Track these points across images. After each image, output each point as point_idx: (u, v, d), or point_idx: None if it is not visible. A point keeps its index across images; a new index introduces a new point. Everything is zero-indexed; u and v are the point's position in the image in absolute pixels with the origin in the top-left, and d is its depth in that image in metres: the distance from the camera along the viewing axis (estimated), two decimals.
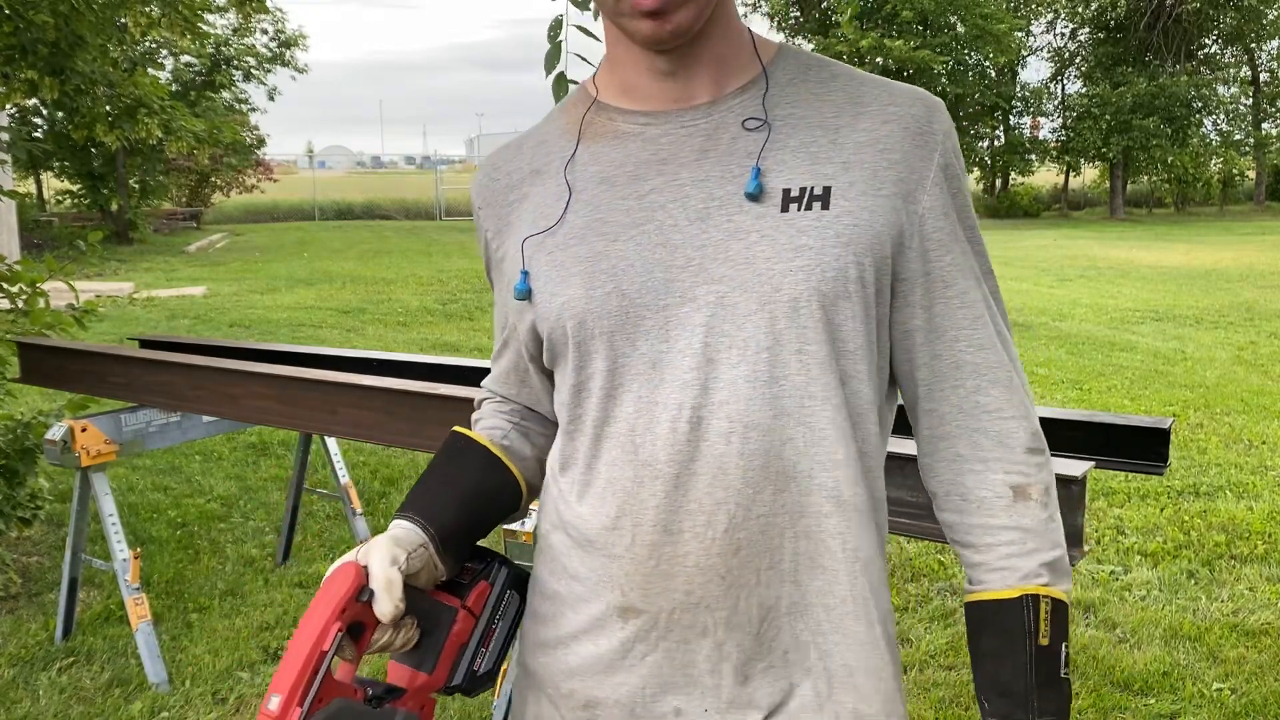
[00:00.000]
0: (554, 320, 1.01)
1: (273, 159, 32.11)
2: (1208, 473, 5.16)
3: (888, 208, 0.96)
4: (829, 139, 0.97)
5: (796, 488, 0.96)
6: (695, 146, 0.99)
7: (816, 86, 1.01)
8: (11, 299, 3.85)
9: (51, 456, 3.24)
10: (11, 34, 4.47)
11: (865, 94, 1.00)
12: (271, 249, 20.23)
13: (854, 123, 0.98)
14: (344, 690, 0.92)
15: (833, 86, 1.01)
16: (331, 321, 10.49)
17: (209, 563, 4.12)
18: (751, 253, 0.94)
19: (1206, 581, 3.87)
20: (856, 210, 0.95)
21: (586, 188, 1.02)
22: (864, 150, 0.97)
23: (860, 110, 0.99)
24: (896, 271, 0.99)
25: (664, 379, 0.96)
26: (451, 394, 2.45)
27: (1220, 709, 2.95)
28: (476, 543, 1.12)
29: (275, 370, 2.88)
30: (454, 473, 1.13)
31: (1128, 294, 12.35)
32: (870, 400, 1.00)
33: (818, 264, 0.94)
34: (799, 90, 1.00)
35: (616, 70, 1.04)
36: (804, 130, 0.98)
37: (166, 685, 3.12)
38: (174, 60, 22.45)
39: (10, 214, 12.79)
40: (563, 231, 1.02)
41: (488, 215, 1.10)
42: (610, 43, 1.03)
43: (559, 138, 1.07)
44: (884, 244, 0.96)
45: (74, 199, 22.18)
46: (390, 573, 0.96)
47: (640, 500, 0.97)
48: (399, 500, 4.82)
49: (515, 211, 1.07)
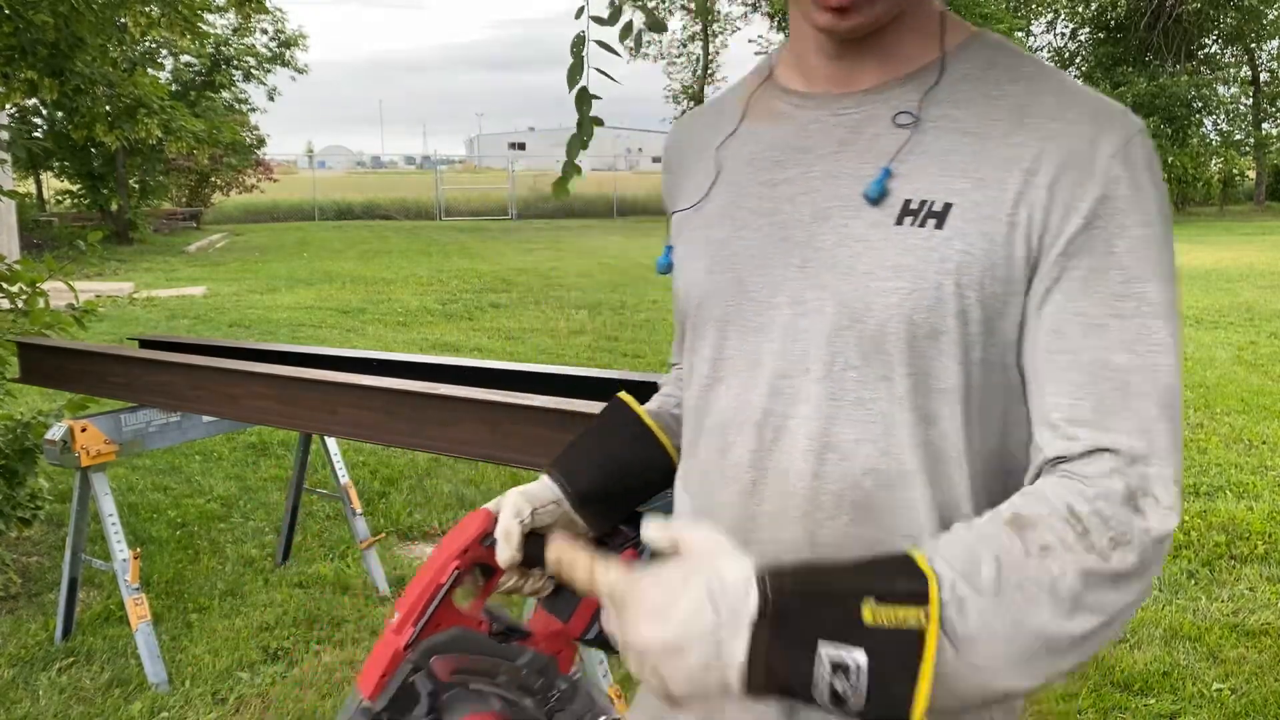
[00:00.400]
0: (683, 299, 1.01)
1: (272, 159, 32.07)
2: (1208, 473, 5.16)
3: (1016, 240, 0.83)
4: (973, 149, 0.85)
5: (873, 524, 0.87)
6: (837, 138, 0.92)
7: (993, 87, 0.88)
8: (11, 299, 3.84)
9: (51, 456, 3.24)
10: (11, 34, 4.47)
11: (1036, 102, 0.86)
12: (271, 249, 20.23)
13: (1008, 135, 0.85)
14: (466, 621, 0.99)
15: (1010, 89, 0.87)
16: (331, 321, 10.49)
17: (209, 563, 4.12)
18: (854, 264, 0.86)
19: (1206, 581, 3.87)
20: (973, 236, 0.83)
21: (735, 168, 0.99)
22: (1007, 169, 0.83)
23: (1021, 121, 0.85)
24: (1024, 315, 0.85)
25: (758, 381, 0.91)
26: (451, 394, 2.45)
27: (1220, 709, 2.95)
28: (637, 509, 1.15)
29: (275, 370, 2.88)
30: (603, 438, 1.16)
31: None
32: (959, 448, 0.86)
33: (914, 289, 0.84)
34: (971, 88, 0.88)
35: (793, 41, 0.98)
36: (952, 135, 0.86)
37: (166, 685, 3.12)
38: (174, 60, 22.44)
39: (10, 214, 12.78)
40: (705, 210, 1.00)
41: (666, 180, 1.12)
42: (790, 12, 0.97)
43: (730, 110, 1.04)
44: (999, 280, 0.83)
45: (74, 199, 22.16)
46: (511, 524, 1.02)
47: (719, 503, 0.95)
48: (399, 500, 4.82)
49: (678, 182, 1.07)
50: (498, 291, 12.99)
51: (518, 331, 9.89)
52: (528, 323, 10.43)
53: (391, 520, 4.59)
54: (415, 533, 4.51)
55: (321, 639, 3.45)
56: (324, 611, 3.64)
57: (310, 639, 3.44)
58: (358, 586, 3.86)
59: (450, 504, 4.81)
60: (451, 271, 15.33)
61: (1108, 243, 0.82)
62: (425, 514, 4.67)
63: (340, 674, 3.19)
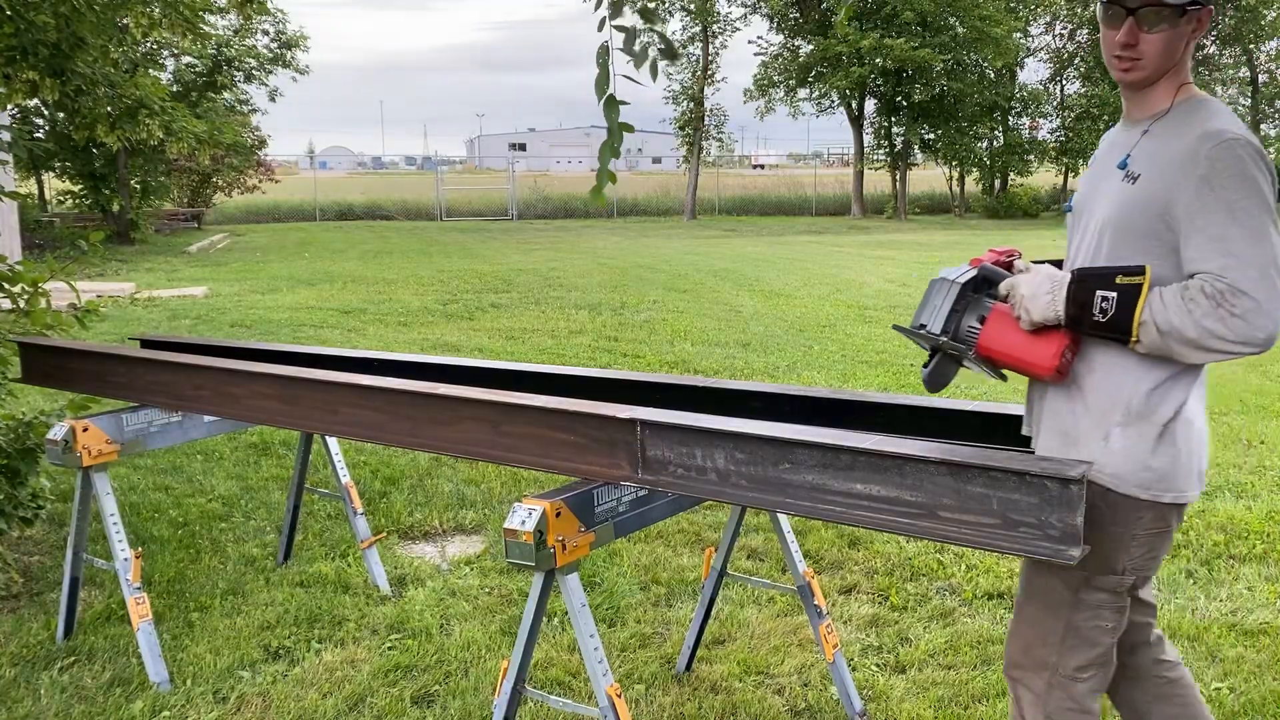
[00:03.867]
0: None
1: (274, 159, 32.10)
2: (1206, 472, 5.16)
3: (1172, 186, 1.81)
4: (1163, 146, 1.86)
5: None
6: (1123, 139, 1.98)
7: (1178, 122, 1.86)
8: (13, 299, 3.85)
9: (53, 456, 3.25)
10: (13, 35, 4.48)
11: (1188, 129, 1.83)
12: (272, 249, 20.24)
13: (1170, 144, 1.85)
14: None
15: (1186, 122, 1.84)
16: (332, 321, 10.49)
17: (210, 562, 4.13)
18: (1108, 194, 1.92)
19: (1205, 581, 3.88)
20: (1144, 186, 1.85)
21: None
22: (1170, 155, 1.82)
23: (1182, 132, 1.84)
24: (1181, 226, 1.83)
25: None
26: (451, 394, 2.46)
27: (1219, 708, 2.96)
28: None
29: (276, 370, 2.88)
30: None
31: None
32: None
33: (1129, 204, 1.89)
34: (1172, 122, 1.87)
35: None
36: (1154, 142, 1.88)
37: (168, 684, 3.13)
38: (175, 61, 22.44)
39: (12, 214, 12.79)
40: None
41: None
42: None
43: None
44: (1166, 209, 1.83)
45: (75, 199, 22.18)
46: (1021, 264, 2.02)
47: None
48: (399, 500, 4.83)
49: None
50: (498, 291, 13.00)
51: (518, 331, 9.90)
52: (528, 323, 10.44)
53: (392, 520, 4.60)
54: (416, 532, 4.52)
55: (323, 638, 3.46)
56: (325, 610, 3.65)
57: (311, 638, 3.45)
58: (359, 586, 3.87)
59: (450, 504, 4.82)
60: (452, 272, 15.34)
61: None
62: (426, 513, 4.68)
63: (341, 673, 3.20)
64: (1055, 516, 1.68)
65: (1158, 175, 1.82)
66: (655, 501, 2.37)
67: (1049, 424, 1.98)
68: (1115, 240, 1.86)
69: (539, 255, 18.64)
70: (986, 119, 32.37)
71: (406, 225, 29.28)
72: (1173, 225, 1.80)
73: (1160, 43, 1.83)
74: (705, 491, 2.10)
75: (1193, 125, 1.82)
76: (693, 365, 8.08)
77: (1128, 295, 1.76)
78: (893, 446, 1.86)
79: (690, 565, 4.05)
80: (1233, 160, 1.75)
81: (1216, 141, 1.76)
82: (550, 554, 2.14)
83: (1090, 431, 1.90)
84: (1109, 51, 1.89)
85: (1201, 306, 1.71)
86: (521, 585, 3.83)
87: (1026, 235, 23.54)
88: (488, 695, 3.05)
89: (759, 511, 3.79)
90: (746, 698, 3.05)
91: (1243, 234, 1.72)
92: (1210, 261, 1.74)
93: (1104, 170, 1.97)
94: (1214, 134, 1.78)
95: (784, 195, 36.28)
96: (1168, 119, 1.88)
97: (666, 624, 3.56)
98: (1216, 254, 1.73)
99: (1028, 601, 2.05)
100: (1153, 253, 1.82)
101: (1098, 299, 1.77)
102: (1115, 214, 1.86)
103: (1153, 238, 1.82)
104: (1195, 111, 1.85)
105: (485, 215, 32.89)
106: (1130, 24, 1.83)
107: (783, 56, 32.18)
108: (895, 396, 2.65)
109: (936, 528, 1.80)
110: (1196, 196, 1.76)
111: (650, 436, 2.13)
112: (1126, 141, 1.94)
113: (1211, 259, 1.73)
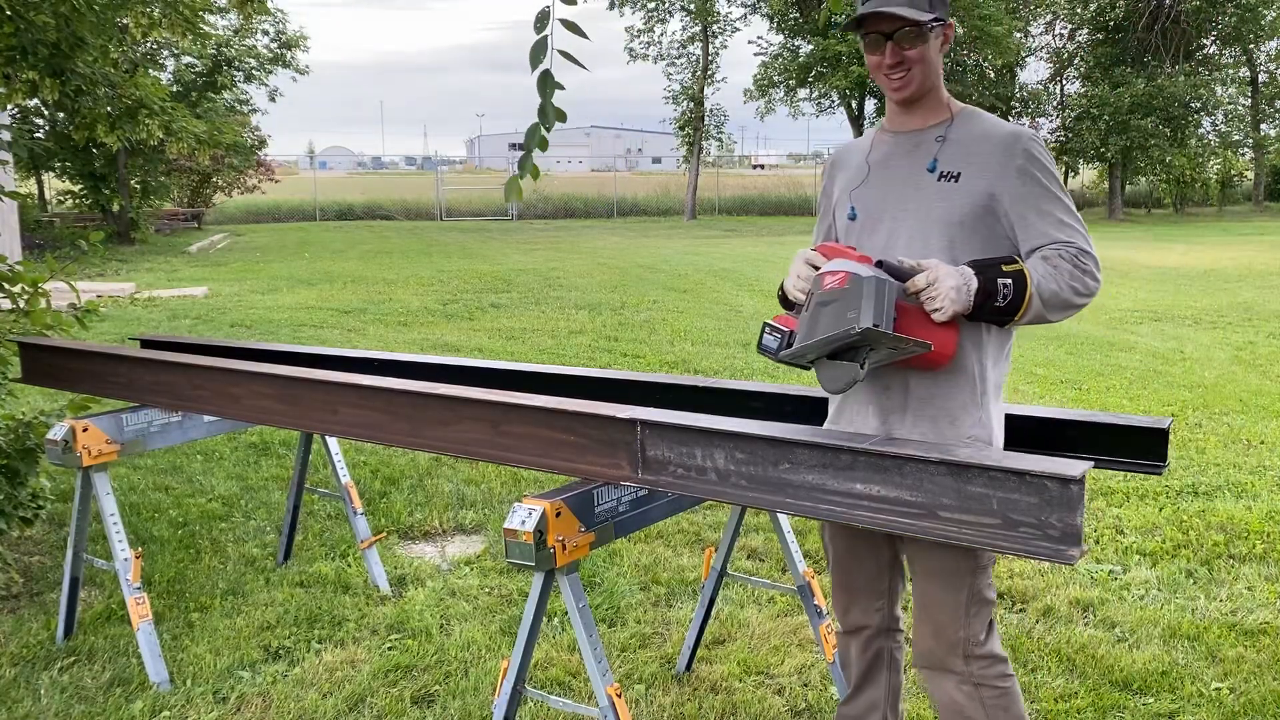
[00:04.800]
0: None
1: (274, 160, 32.09)
2: (1206, 472, 5.17)
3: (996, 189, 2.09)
4: (971, 150, 2.10)
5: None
6: (909, 147, 2.18)
7: (970, 126, 2.13)
8: (13, 299, 3.85)
9: (53, 456, 3.25)
10: (12, 35, 4.48)
11: (987, 130, 2.11)
12: (273, 249, 20.24)
13: (979, 144, 2.10)
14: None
15: (979, 125, 2.13)
16: (332, 321, 10.50)
17: (210, 562, 4.13)
18: (922, 196, 2.12)
19: (1205, 581, 3.88)
20: (967, 183, 2.09)
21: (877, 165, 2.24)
22: (985, 156, 2.09)
23: (987, 135, 2.10)
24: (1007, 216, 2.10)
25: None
26: (451, 394, 2.46)
27: (1219, 708, 2.96)
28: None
29: (276, 370, 2.88)
30: None
31: (1126, 294, 12.35)
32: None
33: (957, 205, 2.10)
34: (964, 126, 2.13)
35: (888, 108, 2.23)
36: (958, 146, 2.11)
37: (168, 684, 3.13)
38: (175, 61, 22.45)
39: (12, 214, 12.79)
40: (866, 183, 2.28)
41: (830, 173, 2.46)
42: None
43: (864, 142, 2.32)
44: (991, 202, 2.08)
45: (75, 199, 22.18)
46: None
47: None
48: (399, 500, 4.83)
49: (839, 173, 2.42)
50: (498, 291, 13.00)
51: (518, 331, 9.90)
52: (528, 323, 10.44)
53: (392, 520, 4.60)
54: (416, 532, 4.52)
55: (323, 638, 3.46)
56: (325, 610, 3.65)
57: (311, 638, 3.45)
58: (359, 586, 3.87)
59: (451, 504, 4.82)
60: (452, 272, 15.34)
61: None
62: (426, 513, 4.68)
63: (341, 673, 3.20)
64: (1055, 516, 1.68)
65: (978, 172, 2.06)
66: (655, 501, 2.37)
67: (922, 411, 2.10)
68: (947, 233, 2.07)
69: (539, 255, 18.64)
70: None
71: (406, 225, 29.28)
72: (997, 212, 2.06)
73: (920, 57, 2.08)
74: (705, 491, 2.10)
75: (988, 127, 2.11)
76: (693, 365, 8.08)
77: (1020, 279, 1.97)
78: (893, 447, 1.86)
79: (690, 565, 4.05)
80: (1041, 152, 2.07)
81: (1027, 139, 2.07)
82: (550, 554, 2.14)
83: (968, 406, 2.09)
84: (879, 74, 2.13)
85: (1066, 271, 2.00)
86: (521, 585, 3.83)
87: None
88: (488, 695, 3.05)
89: (759, 511, 3.79)
90: (746, 698, 3.05)
91: (1065, 209, 2.06)
92: (1054, 233, 2.03)
93: (898, 176, 2.15)
94: (1020, 133, 2.08)
95: (784, 195, 36.25)
96: (957, 124, 2.13)
97: (666, 624, 3.56)
98: (1055, 227, 2.04)
99: (929, 585, 2.18)
100: (980, 238, 2.07)
101: (1000, 286, 1.96)
102: (944, 211, 2.07)
103: (981, 225, 2.07)
104: (978, 116, 2.15)
105: (485, 215, 32.88)
106: (891, 46, 2.07)
107: (783, 56, 32.17)
108: None
109: (936, 528, 1.80)
110: (1022, 185, 2.04)
111: (650, 436, 2.13)
112: (914, 148, 2.15)
113: (1053, 231, 2.04)
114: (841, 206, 2.25)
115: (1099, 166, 33.61)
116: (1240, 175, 34.99)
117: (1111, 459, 2.31)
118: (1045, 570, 3.91)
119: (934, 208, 2.08)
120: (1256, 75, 33.38)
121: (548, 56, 2.27)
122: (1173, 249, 19.15)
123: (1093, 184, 35.67)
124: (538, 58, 2.27)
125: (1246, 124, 33.32)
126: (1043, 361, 8.15)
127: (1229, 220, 29.01)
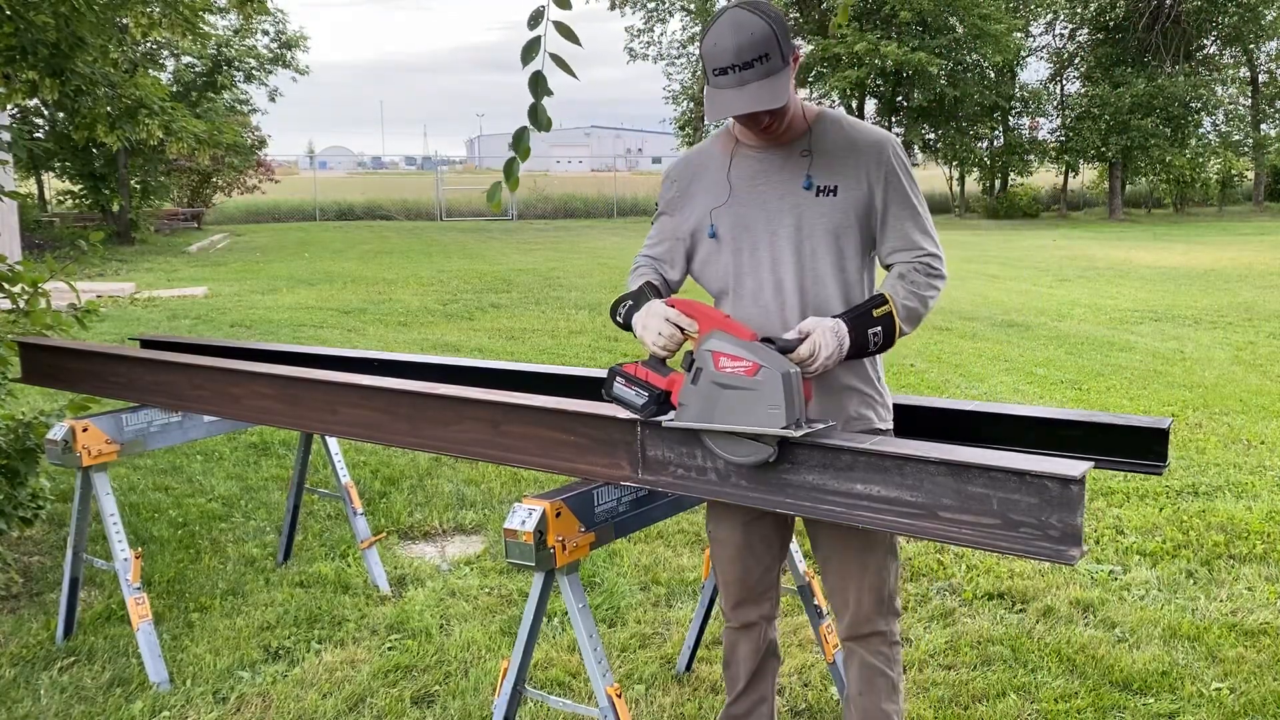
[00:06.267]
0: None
1: (274, 160, 32.08)
2: (1206, 472, 5.16)
3: (872, 197, 2.17)
4: (841, 161, 2.15)
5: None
6: (777, 164, 2.19)
7: (830, 134, 2.16)
8: (13, 299, 3.85)
9: (53, 456, 3.25)
10: (12, 35, 4.48)
11: (850, 137, 2.16)
12: (272, 249, 20.24)
13: (844, 156, 2.16)
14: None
15: (839, 132, 2.17)
16: (332, 321, 10.49)
17: (210, 562, 4.13)
18: (802, 213, 2.16)
19: (1205, 581, 3.88)
20: (845, 195, 2.15)
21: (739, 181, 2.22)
22: (856, 167, 2.15)
23: (853, 145, 2.16)
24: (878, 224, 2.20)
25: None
26: (451, 394, 2.46)
27: (1219, 708, 2.96)
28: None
29: (276, 370, 2.88)
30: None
31: (1126, 294, 12.35)
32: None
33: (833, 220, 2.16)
34: (825, 137, 2.16)
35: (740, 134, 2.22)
36: (824, 158, 2.16)
37: (168, 685, 3.13)
38: (175, 61, 22.46)
39: (12, 214, 12.79)
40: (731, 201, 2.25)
41: (674, 189, 2.35)
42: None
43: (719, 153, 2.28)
44: (866, 213, 2.17)
45: (75, 199, 22.18)
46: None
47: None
48: (399, 500, 4.83)
49: (689, 188, 2.31)
50: (498, 291, 13.00)
51: (518, 331, 9.90)
52: (528, 323, 10.44)
53: (392, 520, 4.60)
54: (416, 532, 4.52)
55: (322, 638, 3.46)
56: (325, 611, 3.65)
57: (311, 638, 3.45)
58: (358, 586, 3.87)
59: (451, 504, 4.81)
60: (452, 272, 15.34)
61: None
62: (426, 513, 4.68)
63: (341, 673, 3.20)
64: (1055, 516, 1.68)
65: (853, 183, 2.13)
66: (655, 501, 2.37)
67: (838, 410, 2.19)
68: (835, 245, 2.15)
69: (539, 255, 18.64)
70: (987, 119, 32.37)
71: (406, 225, 29.28)
72: (871, 216, 2.16)
73: (786, 108, 2.07)
74: (705, 491, 2.10)
75: (849, 133, 2.16)
76: None
77: (888, 321, 2.08)
78: (893, 447, 1.86)
79: (690, 565, 4.05)
80: (904, 157, 2.17)
81: (891, 146, 2.15)
82: (550, 554, 2.14)
83: (874, 394, 2.24)
84: (751, 130, 2.13)
85: (921, 284, 2.13)
86: (521, 585, 3.83)
87: (1026, 235, 23.55)
88: (488, 695, 3.05)
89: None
90: None
91: (922, 213, 2.17)
92: (912, 237, 2.15)
93: (772, 195, 2.17)
94: (883, 140, 2.15)
95: None
96: (817, 134, 2.16)
97: (666, 624, 3.56)
98: (915, 234, 2.15)
99: (871, 555, 2.24)
100: (861, 239, 2.17)
101: (871, 336, 2.06)
102: (827, 224, 2.14)
103: (862, 229, 2.16)
104: (833, 120, 2.18)
105: (485, 215, 32.87)
106: (765, 121, 2.09)
107: None
108: (895, 397, 2.65)
109: (936, 528, 1.80)
110: (890, 191, 2.14)
111: (650, 436, 2.13)
112: (782, 165, 2.16)
113: (912, 236, 2.15)
114: (702, 226, 2.24)
115: (1099, 166, 33.60)
116: (1240, 175, 34.96)
117: (1111, 459, 2.31)
118: (1045, 570, 3.91)
119: (817, 223, 2.14)
120: (1256, 75, 33.37)
121: (539, 57, 2.25)
122: (1173, 249, 19.15)
123: (1093, 184, 35.66)
124: (529, 56, 2.25)
125: (1246, 124, 33.31)
126: (1042, 361, 8.15)
127: (1229, 220, 29.00)
